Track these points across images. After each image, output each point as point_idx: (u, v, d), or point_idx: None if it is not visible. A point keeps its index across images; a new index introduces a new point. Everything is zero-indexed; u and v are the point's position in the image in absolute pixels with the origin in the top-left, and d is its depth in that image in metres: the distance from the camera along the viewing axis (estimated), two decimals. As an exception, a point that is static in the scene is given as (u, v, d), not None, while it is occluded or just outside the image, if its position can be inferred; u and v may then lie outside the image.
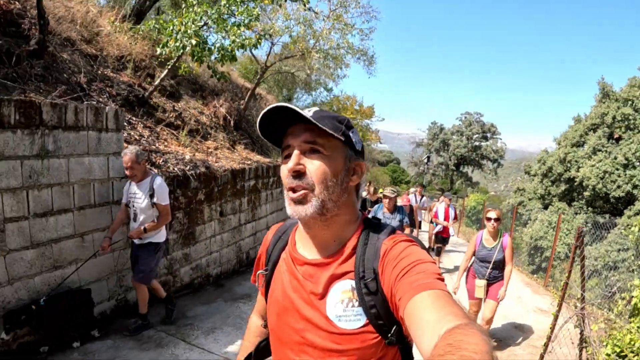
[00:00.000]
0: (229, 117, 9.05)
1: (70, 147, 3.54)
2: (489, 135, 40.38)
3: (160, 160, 4.88)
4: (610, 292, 5.58)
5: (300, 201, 1.00)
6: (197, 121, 7.58)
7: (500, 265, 4.50)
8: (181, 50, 5.54)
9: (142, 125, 5.74)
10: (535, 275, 8.83)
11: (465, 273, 4.70)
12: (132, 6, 9.11)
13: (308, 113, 1.00)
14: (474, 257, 4.63)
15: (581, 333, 3.71)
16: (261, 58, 10.84)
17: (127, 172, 3.77)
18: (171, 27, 5.75)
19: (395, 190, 6.26)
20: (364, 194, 7.10)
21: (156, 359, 3.43)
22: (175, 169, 4.93)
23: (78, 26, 6.13)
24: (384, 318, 0.96)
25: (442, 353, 0.62)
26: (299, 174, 0.99)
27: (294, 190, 1.00)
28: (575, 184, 14.58)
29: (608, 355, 3.16)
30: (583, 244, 3.60)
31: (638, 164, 13.06)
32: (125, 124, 5.01)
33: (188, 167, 5.17)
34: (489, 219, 4.55)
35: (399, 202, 8.24)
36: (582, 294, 3.67)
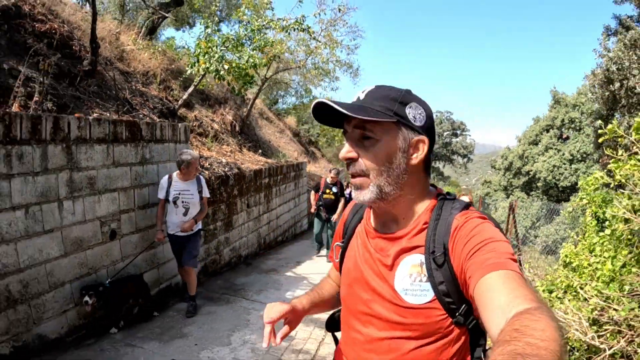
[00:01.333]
0: (234, 123, 10.28)
1: (159, 156, 4.73)
2: (458, 132, 42.68)
3: (207, 164, 6.10)
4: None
5: (359, 187, 1.01)
6: (212, 128, 8.78)
7: None
8: (214, 73, 6.74)
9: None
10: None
11: None
12: (146, 24, 10.18)
13: (357, 97, 1.02)
14: None
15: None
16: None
17: (186, 172, 4.27)
18: (198, 51, 6.94)
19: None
20: (328, 180, 7.68)
21: (232, 309, 4.68)
22: (219, 170, 6.17)
23: (108, 44, 6.98)
24: (452, 295, 0.94)
25: (508, 339, 0.62)
26: (351, 161, 1.00)
27: (353, 176, 1.03)
28: (531, 176, 16.92)
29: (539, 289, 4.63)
30: (514, 212, 5.20)
31: (581, 159, 15.59)
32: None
33: (227, 169, 6.41)
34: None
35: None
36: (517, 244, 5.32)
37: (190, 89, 7.54)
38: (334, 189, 7.65)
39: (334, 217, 7.56)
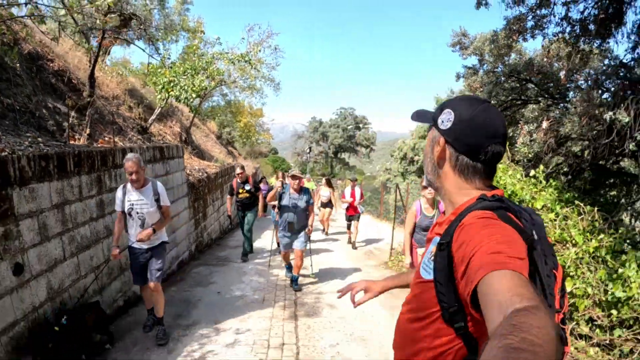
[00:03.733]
0: (182, 134, 12.10)
1: (172, 168, 6.75)
2: (361, 125, 47.03)
3: (187, 171, 8.11)
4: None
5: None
6: (169, 140, 10.59)
7: None
8: (182, 100, 8.69)
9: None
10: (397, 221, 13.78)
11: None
12: (103, 49, 11.45)
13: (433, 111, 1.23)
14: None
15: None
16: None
17: (132, 178, 3.84)
18: (164, 79, 8.79)
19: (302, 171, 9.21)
20: (238, 179, 7.49)
21: (230, 269, 6.88)
22: (197, 175, 8.22)
23: (81, 71, 8.27)
24: (445, 286, 1.01)
25: (505, 333, 0.63)
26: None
27: None
28: (421, 164, 20.73)
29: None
30: (400, 192, 8.00)
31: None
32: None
33: (200, 174, 8.47)
34: (425, 187, 4.70)
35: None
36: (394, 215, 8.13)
37: (157, 111, 9.36)
38: (247, 187, 7.50)
39: (259, 214, 7.70)
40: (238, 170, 7.49)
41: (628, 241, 4.27)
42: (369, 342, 4.27)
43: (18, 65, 5.42)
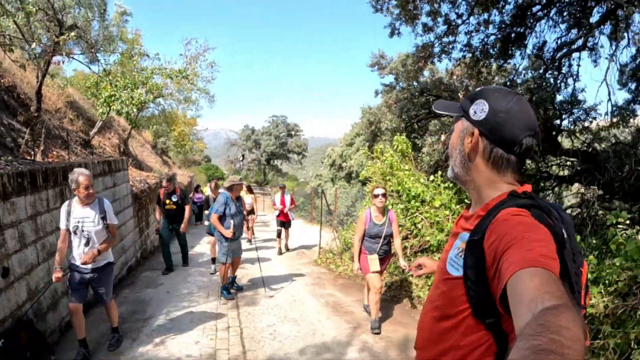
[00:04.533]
0: (120, 145, 12.41)
1: (119, 180, 7.30)
2: (293, 133, 48.26)
3: (131, 182, 8.64)
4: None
5: (448, 166, 1.27)
6: (108, 152, 10.93)
7: (389, 240, 4.89)
8: (123, 113, 9.18)
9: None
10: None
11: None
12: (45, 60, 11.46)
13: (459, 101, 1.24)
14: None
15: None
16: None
17: (84, 194, 3.76)
18: (105, 93, 9.21)
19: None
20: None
21: (173, 275, 7.55)
22: (140, 186, 8.77)
23: (25, 84, 8.58)
24: (477, 285, 1.00)
25: (532, 333, 0.64)
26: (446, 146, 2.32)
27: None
28: (349, 170, 22.44)
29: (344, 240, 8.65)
30: (323, 193, 9.14)
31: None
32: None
33: (142, 184, 9.02)
34: (376, 196, 4.74)
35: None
36: (320, 218, 9.29)
37: (99, 124, 9.77)
38: (174, 198, 7.27)
39: (182, 228, 7.35)
40: (164, 183, 7.31)
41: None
42: (299, 322, 5.27)
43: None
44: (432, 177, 7.00)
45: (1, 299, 3.71)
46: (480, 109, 1.11)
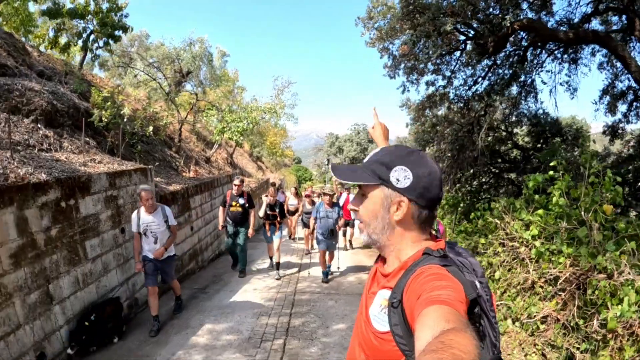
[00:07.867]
0: (229, 158, 16.56)
1: (222, 192, 11.14)
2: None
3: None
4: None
5: (361, 230, 1.24)
6: (220, 164, 15.00)
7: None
8: (233, 139, 13.11)
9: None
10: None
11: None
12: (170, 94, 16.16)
13: (369, 156, 1.24)
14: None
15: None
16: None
17: (147, 204, 4.64)
18: (220, 126, 13.16)
19: (332, 189, 9.37)
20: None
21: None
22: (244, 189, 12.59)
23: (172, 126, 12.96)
24: (404, 338, 1.03)
25: (435, 349, 0.72)
26: (355, 211, 1.23)
27: (360, 220, 1.24)
28: None
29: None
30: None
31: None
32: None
33: (246, 188, 12.81)
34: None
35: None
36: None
37: (216, 147, 13.79)
38: (241, 201, 7.13)
39: (250, 233, 7.19)
40: (236, 182, 7.14)
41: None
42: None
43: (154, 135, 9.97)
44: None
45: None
46: (403, 176, 1.11)
